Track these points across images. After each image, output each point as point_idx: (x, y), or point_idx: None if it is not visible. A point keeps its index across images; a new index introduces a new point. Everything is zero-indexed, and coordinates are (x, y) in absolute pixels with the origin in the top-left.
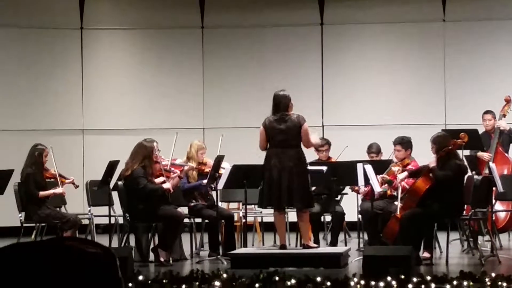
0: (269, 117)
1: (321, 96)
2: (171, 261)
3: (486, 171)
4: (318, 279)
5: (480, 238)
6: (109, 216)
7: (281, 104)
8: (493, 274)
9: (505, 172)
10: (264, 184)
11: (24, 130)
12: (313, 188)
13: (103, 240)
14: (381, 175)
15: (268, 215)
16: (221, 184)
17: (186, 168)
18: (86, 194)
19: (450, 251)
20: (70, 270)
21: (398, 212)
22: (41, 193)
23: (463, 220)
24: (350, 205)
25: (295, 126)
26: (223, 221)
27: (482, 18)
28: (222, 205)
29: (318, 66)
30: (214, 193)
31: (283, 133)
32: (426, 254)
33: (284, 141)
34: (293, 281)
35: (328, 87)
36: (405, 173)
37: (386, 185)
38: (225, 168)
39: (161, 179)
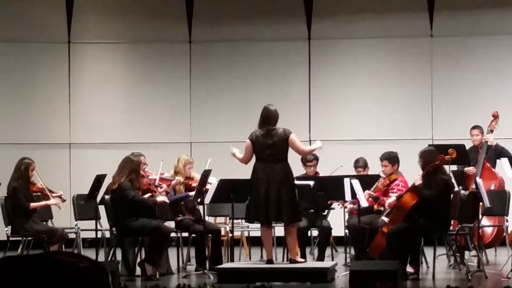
0: (256, 131)
1: (308, 110)
2: (157, 276)
3: (473, 186)
4: None
5: (466, 253)
6: (96, 230)
7: (271, 119)
8: None
9: (492, 188)
10: (251, 199)
11: (11, 144)
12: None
13: (89, 254)
14: (367, 191)
15: (255, 229)
16: (208, 198)
17: (173, 182)
18: (73, 208)
19: (436, 266)
20: (61, 285)
21: (385, 228)
22: (32, 204)
23: (450, 235)
24: (337, 220)
25: (282, 140)
26: (210, 235)
27: (470, 34)
28: (209, 219)
29: (306, 80)
30: (201, 208)
31: (270, 147)
32: (412, 269)
33: (271, 155)
34: None
35: (316, 101)
36: (393, 198)
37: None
38: (212, 183)
39: (148, 195)
